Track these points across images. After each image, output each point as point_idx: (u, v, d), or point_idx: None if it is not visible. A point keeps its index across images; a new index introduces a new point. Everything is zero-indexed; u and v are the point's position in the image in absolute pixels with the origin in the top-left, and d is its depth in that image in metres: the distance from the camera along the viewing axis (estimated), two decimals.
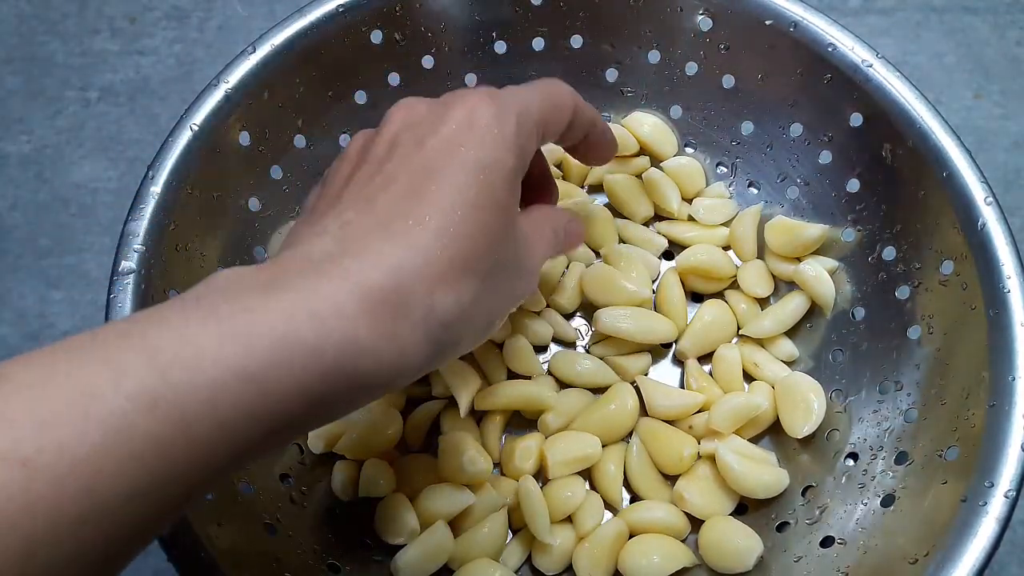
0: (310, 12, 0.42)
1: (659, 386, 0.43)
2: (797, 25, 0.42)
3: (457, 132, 0.29)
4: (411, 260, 0.26)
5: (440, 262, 0.27)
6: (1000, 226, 0.37)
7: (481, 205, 0.28)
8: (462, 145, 0.29)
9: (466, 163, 0.28)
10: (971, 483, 0.33)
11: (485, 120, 0.29)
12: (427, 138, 0.29)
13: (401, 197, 0.28)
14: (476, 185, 0.28)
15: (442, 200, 0.27)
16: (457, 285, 0.27)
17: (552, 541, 0.39)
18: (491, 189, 0.28)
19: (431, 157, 0.29)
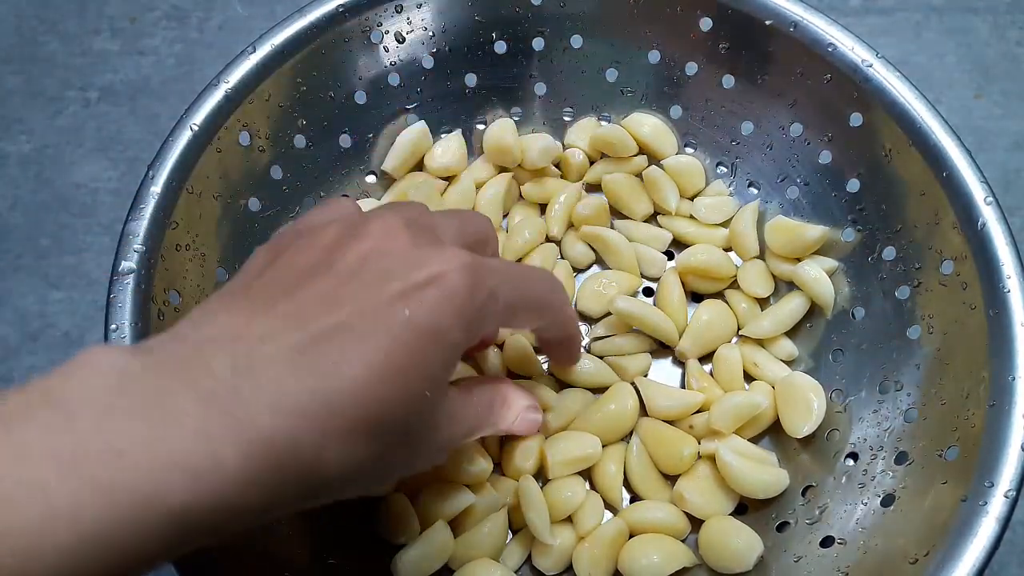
0: (310, 12, 0.42)
1: (659, 386, 0.43)
2: (797, 25, 0.42)
3: (424, 287, 0.27)
4: (315, 408, 0.24)
5: (346, 418, 0.25)
6: (1000, 226, 0.37)
7: (413, 375, 0.26)
8: (421, 301, 0.27)
9: (416, 323, 0.26)
10: (971, 483, 0.33)
11: (455, 288, 0.28)
12: (393, 279, 0.27)
13: (336, 330, 0.26)
14: (416, 352, 0.26)
15: (374, 353, 0.26)
16: (354, 446, 0.25)
17: (552, 541, 0.39)
18: (428, 360, 0.27)
19: (385, 301, 0.26)
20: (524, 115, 0.49)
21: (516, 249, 0.46)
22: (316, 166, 0.45)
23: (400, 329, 0.26)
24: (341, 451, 0.25)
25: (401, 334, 0.26)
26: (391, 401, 0.26)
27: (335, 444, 0.25)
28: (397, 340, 0.26)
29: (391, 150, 0.47)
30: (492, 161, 0.48)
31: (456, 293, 0.28)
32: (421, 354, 0.27)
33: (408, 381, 0.26)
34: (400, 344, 0.26)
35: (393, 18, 0.44)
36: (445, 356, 0.28)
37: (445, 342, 0.27)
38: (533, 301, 0.33)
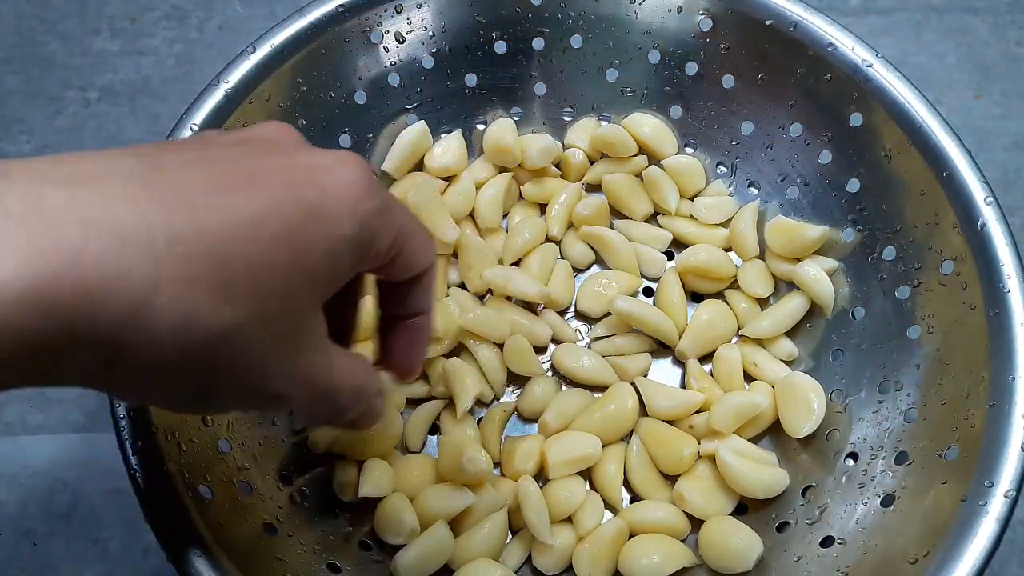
0: (310, 12, 0.42)
1: (659, 386, 0.43)
2: (797, 25, 0.42)
3: (316, 168, 0.24)
4: (154, 234, 0.20)
5: (191, 260, 0.20)
6: (1000, 226, 0.37)
7: (287, 248, 0.23)
8: (310, 182, 0.24)
9: (301, 197, 0.23)
10: (971, 483, 0.33)
11: (351, 176, 0.25)
12: (276, 154, 0.24)
13: (201, 178, 0.22)
14: (295, 223, 0.23)
15: (246, 204, 0.22)
16: (194, 302, 0.21)
17: (552, 541, 0.39)
18: (308, 240, 0.23)
19: (269, 170, 0.23)
20: (524, 115, 0.49)
21: (516, 249, 0.46)
22: None
23: (278, 196, 0.23)
24: (180, 301, 0.20)
25: (279, 199, 0.22)
26: (254, 266, 0.22)
27: (171, 285, 0.20)
28: (272, 203, 0.22)
29: (391, 150, 0.47)
30: (492, 161, 0.48)
31: (352, 183, 0.24)
32: (301, 229, 0.23)
33: (279, 251, 0.22)
34: (275, 207, 0.22)
35: (393, 18, 0.44)
36: (330, 247, 0.24)
37: (332, 229, 0.24)
38: (423, 241, 0.29)
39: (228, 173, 0.22)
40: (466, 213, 0.47)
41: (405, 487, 0.41)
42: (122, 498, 0.45)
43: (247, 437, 0.39)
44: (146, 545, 0.44)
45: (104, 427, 0.46)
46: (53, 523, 0.44)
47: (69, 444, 0.46)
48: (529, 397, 0.43)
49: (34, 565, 0.43)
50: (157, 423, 0.34)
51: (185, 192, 0.21)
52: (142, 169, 0.21)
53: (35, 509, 0.45)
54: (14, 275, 0.18)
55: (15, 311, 0.18)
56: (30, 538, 0.44)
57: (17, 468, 0.46)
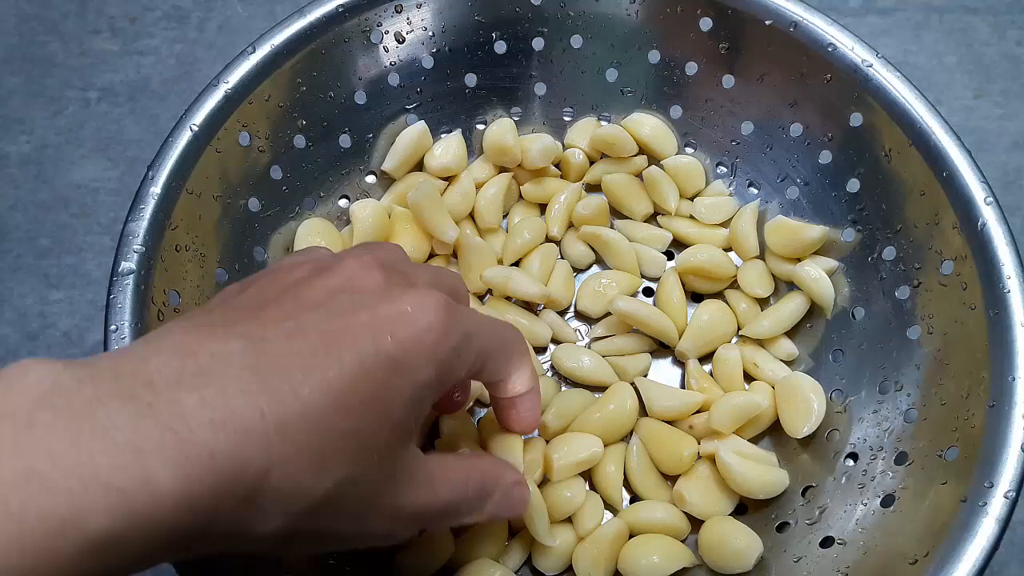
0: (310, 12, 0.42)
1: (659, 386, 0.43)
2: (797, 25, 0.42)
3: (393, 320, 0.26)
4: (263, 428, 0.22)
5: (296, 444, 0.23)
6: (1000, 226, 0.37)
7: (375, 408, 0.25)
8: (390, 335, 0.25)
9: (380, 354, 0.25)
10: (971, 483, 0.33)
11: (426, 323, 0.26)
12: (361, 310, 0.26)
13: (296, 353, 0.24)
14: (380, 384, 0.25)
15: (335, 379, 0.24)
16: (301, 477, 0.23)
17: (551, 543, 0.39)
18: (393, 395, 0.25)
19: (351, 329, 0.25)
20: (524, 115, 0.49)
21: (516, 249, 0.46)
22: (316, 166, 0.45)
23: (364, 357, 0.25)
24: (285, 478, 0.23)
25: (365, 362, 0.25)
26: (345, 433, 0.24)
27: (280, 470, 0.23)
28: (360, 368, 0.24)
29: (391, 150, 0.47)
30: (492, 161, 0.48)
31: (430, 328, 0.26)
32: (385, 387, 0.25)
33: (368, 415, 0.25)
34: (362, 373, 0.24)
35: (393, 18, 0.44)
36: (412, 394, 0.26)
37: (413, 379, 0.26)
38: (506, 348, 0.32)
39: (323, 341, 0.25)
40: (466, 213, 0.47)
41: None
42: None
43: None
44: None
45: None
46: None
47: None
48: None
49: None
50: None
51: (287, 374, 0.24)
52: (250, 355, 0.24)
53: None
54: (171, 481, 0.21)
55: (171, 514, 0.21)
56: None
57: None
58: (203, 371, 0.23)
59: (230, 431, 0.22)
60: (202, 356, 0.23)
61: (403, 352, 0.25)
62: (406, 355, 0.25)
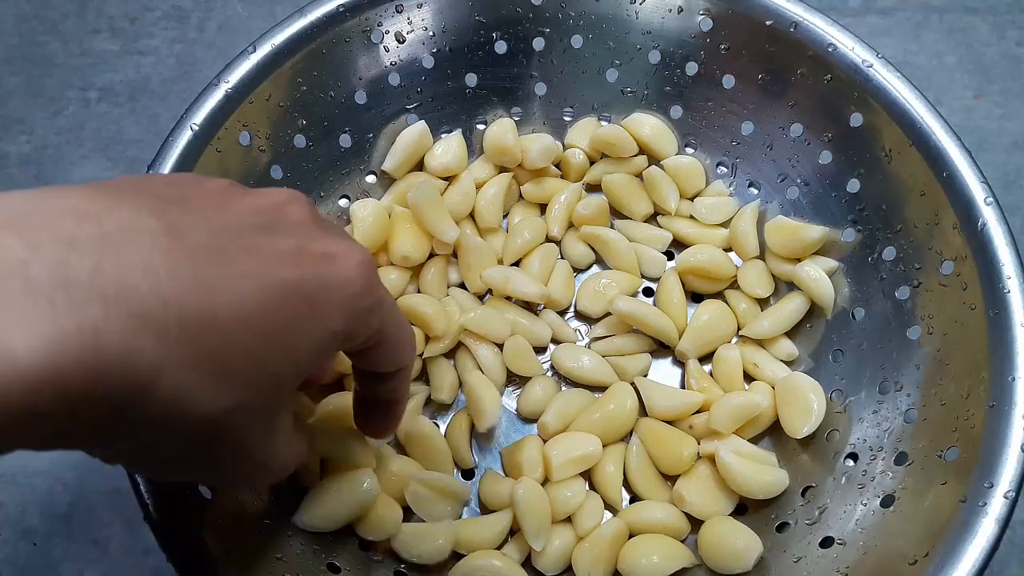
0: (310, 12, 0.42)
1: (659, 386, 0.43)
2: (797, 25, 0.42)
3: (322, 259, 0.25)
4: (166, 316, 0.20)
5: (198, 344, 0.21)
6: (1000, 226, 0.37)
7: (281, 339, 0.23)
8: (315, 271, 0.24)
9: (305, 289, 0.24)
10: (971, 484, 0.33)
11: (353, 273, 0.25)
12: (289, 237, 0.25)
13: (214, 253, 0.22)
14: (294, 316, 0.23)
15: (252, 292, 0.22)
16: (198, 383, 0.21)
17: (537, 545, 0.39)
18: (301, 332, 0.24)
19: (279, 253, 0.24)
20: (524, 115, 0.49)
21: (516, 249, 0.46)
22: (316, 166, 0.45)
23: (285, 284, 0.23)
24: (179, 385, 0.21)
25: (285, 289, 0.23)
26: (253, 354, 0.22)
27: (176, 368, 0.20)
28: (279, 293, 0.23)
29: (391, 150, 0.47)
30: (492, 161, 0.48)
31: (352, 281, 0.25)
32: (298, 321, 0.23)
33: (276, 343, 0.23)
34: (280, 298, 0.23)
35: (393, 18, 0.44)
36: (320, 340, 0.25)
37: (325, 324, 0.25)
38: (405, 339, 0.31)
39: (243, 251, 0.23)
40: (466, 213, 0.47)
41: (389, 488, 0.40)
42: (122, 498, 0.45)
43: None
44: (146, 545, 0.44)
45: None
46: (53, 523, 0.44)
47: None
48: (529, 397, 0.43)
49: (34, 565, 0.43)
50: None
51: (201, 268, 0.21)
52: (164, 237, 0.21)
53: (35, 509, 0.45)
54: (32, 356, 0.18)
55: (27, 392, 0.18)
56: (30, 538, 0.44)
57: (17, 468, 0.46)
58: (105, 238, 0.20)
59: (123, 311, 0.19)
60: (107, 223, 0.20)
61: (323, 293, 0.24)
62: (326, 298, 0.24)
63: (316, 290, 0.24)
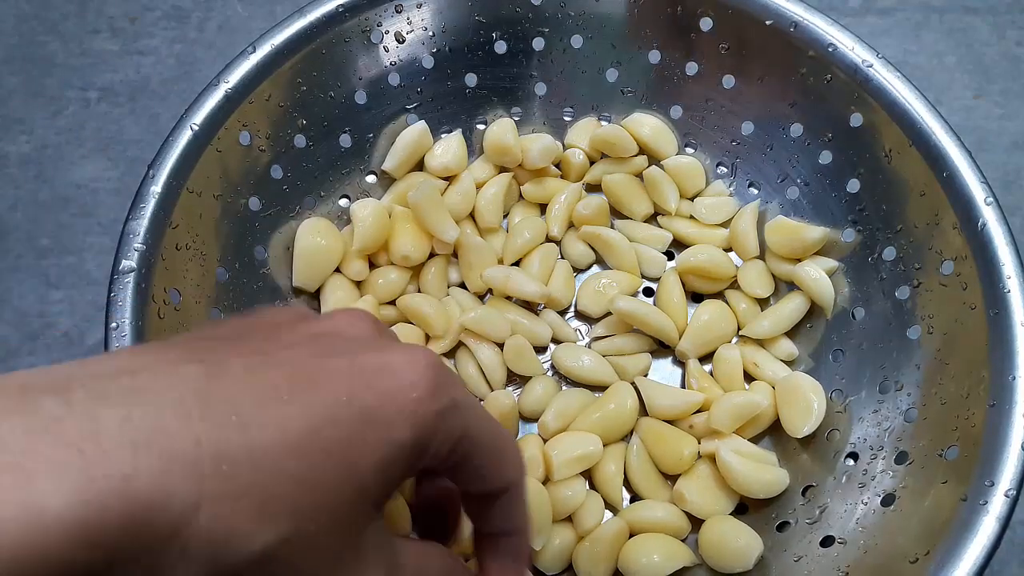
0: (310, 12, 0.42)
1: (659, 386, 0.43)
2: (797, 25, 0.42)
3: (375, 372, 0.23)
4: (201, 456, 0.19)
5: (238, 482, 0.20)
6: (1000, 226, 0.37)
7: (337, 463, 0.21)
8: (368, 386, 0.23)
9: (354, 404, 0.22)
10: (971, 482, 0.33)
11: (413, 381, 0.23)
12: (339, 355, 0.23)
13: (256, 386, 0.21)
14: (349, 436, 0.22)
15: (297, 419, 0.21)
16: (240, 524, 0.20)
17: (538, 545, 0.39)
18: (359, 450, 0.22)
19: (329, 372, 0.22)
20: (524, 115, 0.49)
21: (516, 249, 0.46)
22: (316, 166, 0.45)
23: (333, 403, 0.22)
24: (219, 521, 0.20)
25: (333, 408, 0.22)
26: (301, 481, 0.21)
27: (212, 506, 0.19)
28: (326, 412, 0.22)
29: (391, 150, 0.47)
30: (492, 161, 0.48)
31: (415, 386, 0.23)
32: (354, 439, 0.22)
33: (330, 465, 0.21)
34: (328, 417, 0.22)
35: (393, 18, 0.44)
36: (385, 454, 0.22)
37: (387, 435, 0.22)
38: (500, 447, 0.26)
39: (288, 379, 0.22)
40: (466, 213, 0.47)
41: None
42: None
43: None
44: None
45: None
46: None
47: None
48: (529, 397, 0.43)
49: None
50: None
51: (240, 405, 0.21)
52: (204, 379, 0.21)
53: None
54: (65, 508, 0.18)
55: (63, 544, 0.17)
56: None
57: None
58: (137, 390, 0.20)
59: (154, 454, 0.19)
60: (142, 375, 0.20)
61: (379, 404, 0.22)
62: (382, 408, 0.22)
63: (372, 402, 0.22)
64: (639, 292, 0.47)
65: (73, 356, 0.48)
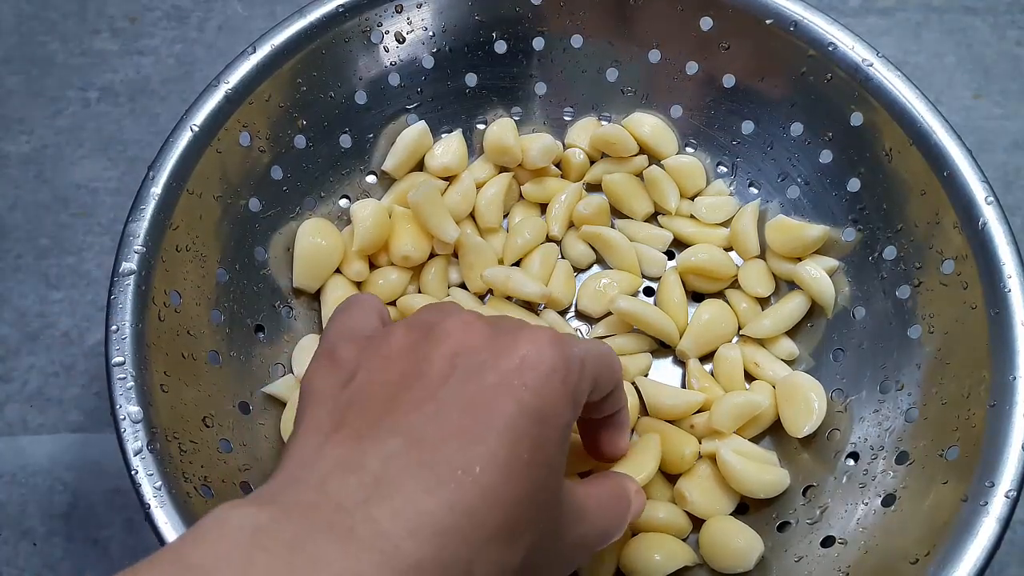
0: (310, 12, 0.42)
1: (660, 385, 0.43)
2: (797, 25, 0.42)
3: (519, 370, 0.26)
4: (456, 521, 0.23)
5: (486, 527, 0.23)
6: (1001, 226, 0.37)
7: (537, 464, 0.25)
8: (524, 386, 0.26)
9: (525, 410, 0.25)
10: (972, 483, 0.33)
11: (550, 364, 0.26)
12: (486, 370, 0.26)
13: (452, 435, 0.24)
14: (531, 438, 0.25)
15: (498, 451, 0.24)
16: (500, 555, 0.24)
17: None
18: (546, 444, 0.26)
19: (489, 394, 0.25)
20: (524, 115, 0.49)
21: (517, 249, 0.46)
22: (316, 166, 0.45)
23: (513, 419, 0.25)
24: (487, 562, 0.24)
25: (516, 425, 0.25)
26: (524, 498, 0.25)
27: (481, 556, 0.23)
28: (514, 432, 0.25)
29: (391, 150, 0.47)
30: (492, 161, 0.48)
31: (554, 368, 0.26)
32: (540, 440, 0.25)
33: (533, 472, 0.25)
34: (518, 436, 0.25)
35: (393, 18, 0.44)
36: (562, 436, 0.27)
37: (559, 423, 0.26)
38: (611, 369, 0.31)
39: (468, 417, 0.25)
40: (466, 213, 0.47)
41: None
42: (122, 498, 0.45)
43: (248, 437, 0.39)
44: (146, 545, 0.44)
45: (104, 427, 0.46)
46: (53, 523, 0.44)
47: (69, 444, 0.46)
48: None
49: (34, 565, 0.43)
50: (158, 423, 0.34)
51: (456, 461, 0.24)
52: (413, 451, 0.24)
53: (35, 509, 0.45)
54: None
55: None
56: (30, 538, 0.44)
57: (17, 468, 0.46)
58: (379, 481, 0.23)
59: (429, 535, 0.22)
60: (370, 466, 0.24)
61: (542, 401, 0.26)
62: (545, 403, 0.26)
63: (537, 403, 0.26)
64: (639, 292, 0.47)
65: (73, 356, 0.48)
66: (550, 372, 0.26)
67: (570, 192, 0.47)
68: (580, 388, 0.28)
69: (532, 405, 0.25)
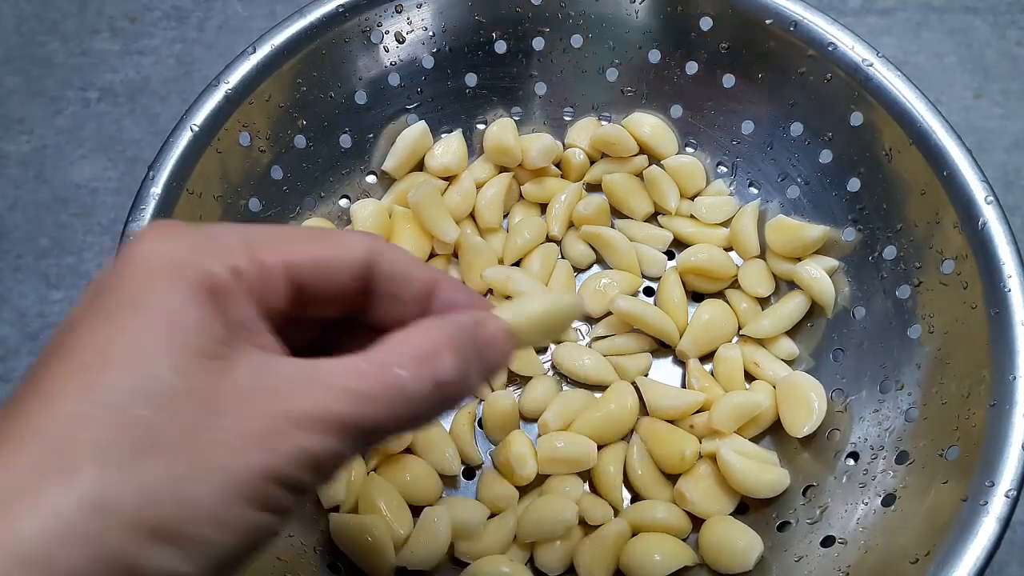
0: (310, 12, 0.42)
1: (660, 385, 0.43)
2: (797, 25, 0.42)
3: (129, 257, 0.21)
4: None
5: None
6: (1001, 225, 0.37)
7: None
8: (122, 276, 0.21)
9: (121, 301, 0.20)
10: (972, 482, 0.33)
11: (158, 247, 0.21)
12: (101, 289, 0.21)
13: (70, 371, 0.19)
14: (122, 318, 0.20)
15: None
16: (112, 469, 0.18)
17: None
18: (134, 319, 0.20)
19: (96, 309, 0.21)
20: (524, 115, 0.49)
21: (516, 249, 0.46)
22: (316, 166, 0.45)
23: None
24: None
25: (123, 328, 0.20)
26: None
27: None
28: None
29: (391, 150, 0.47)
30: (492, 161, 0.48)
31: (158, 252, 0.21)
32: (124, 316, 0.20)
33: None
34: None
35: (393, 18, 0.44)
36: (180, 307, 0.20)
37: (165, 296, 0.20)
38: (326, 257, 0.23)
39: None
40: (467, 213, 0.47)
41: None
42: None
43: None
44: None
45: None
46: None
47: None
48: (530, 397, 0.43)
49: None
50: None
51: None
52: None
53: None
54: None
55: None
56: None
57: None
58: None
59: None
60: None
61: (132, 286, 0.21)
62: (136, 283, 0.21)
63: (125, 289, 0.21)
64: (639, 292, 0.47)
65: None
66: (151, 254, 0.21)
67: (570, 192, 0.47)
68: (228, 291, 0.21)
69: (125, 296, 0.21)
